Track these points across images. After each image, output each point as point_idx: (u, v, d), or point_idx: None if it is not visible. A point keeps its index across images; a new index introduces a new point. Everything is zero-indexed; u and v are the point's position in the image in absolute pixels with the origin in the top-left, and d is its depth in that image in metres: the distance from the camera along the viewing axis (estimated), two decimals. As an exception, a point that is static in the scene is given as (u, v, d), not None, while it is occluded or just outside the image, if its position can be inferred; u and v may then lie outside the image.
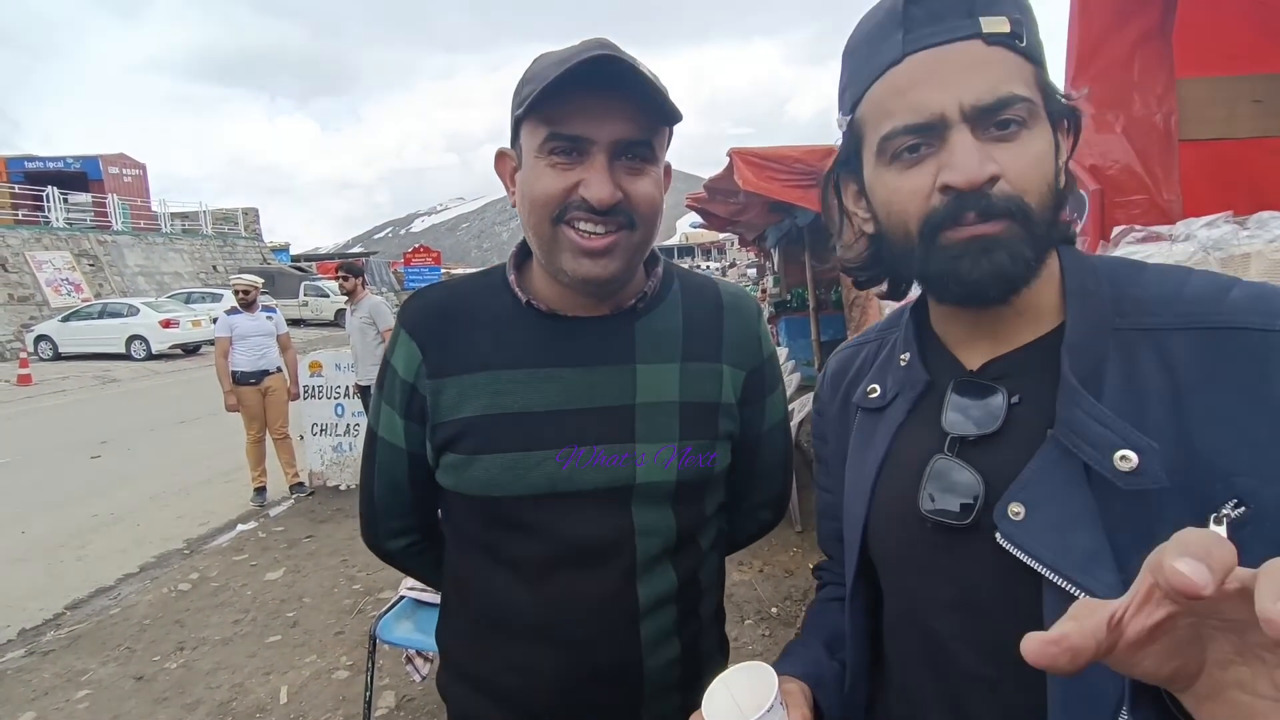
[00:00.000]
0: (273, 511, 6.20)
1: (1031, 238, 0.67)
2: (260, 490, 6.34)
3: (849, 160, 0.79)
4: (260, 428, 6.22)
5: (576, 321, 1.05)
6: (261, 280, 6.58)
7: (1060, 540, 0.63)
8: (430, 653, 2.72)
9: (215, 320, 6.77)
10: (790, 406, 1.34)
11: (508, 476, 1.00)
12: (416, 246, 18.35)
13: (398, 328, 1.10)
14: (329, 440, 6.68)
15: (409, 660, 2.80)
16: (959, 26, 0.66)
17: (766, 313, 7.88)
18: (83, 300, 21.25)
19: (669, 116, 0.95)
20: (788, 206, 6.20)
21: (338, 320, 23.20)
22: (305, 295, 26.62)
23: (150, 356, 17.80)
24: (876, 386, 0.86)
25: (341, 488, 6.56)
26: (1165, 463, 0.60)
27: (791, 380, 6.00)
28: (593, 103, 0.90)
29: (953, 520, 0.71)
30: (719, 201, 7.43)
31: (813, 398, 1.01)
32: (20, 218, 23.62)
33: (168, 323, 18.06)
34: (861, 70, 0.73)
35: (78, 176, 29.29)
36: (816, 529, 1.06)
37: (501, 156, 1.05)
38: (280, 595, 4.54)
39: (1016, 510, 0.66)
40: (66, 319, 18.72)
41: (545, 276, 1.05)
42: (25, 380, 14.33)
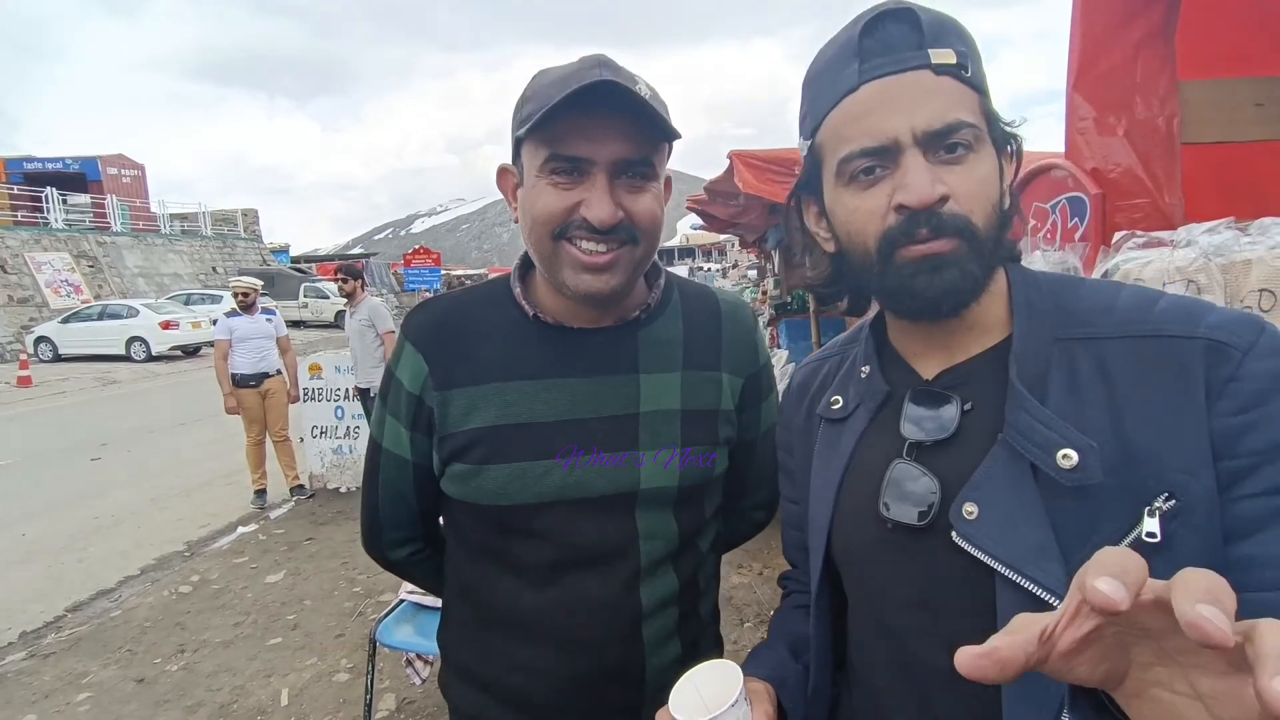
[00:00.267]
0: (273, 514, 6.20)
1: (978, 255, 0.72)
2: (260, 493, 6.35)
3: (810, 183, 0.84)
4: (260, 430, 6.22)
5: (582, 333, 1.06)
6: (260, 283, 6.58)
7: (1010, 536, 0.67)
8: (430, 656, 2.72)
9: (215, 322, 6.76)
10: None
11: (516, 485, 1.02)
12: (416, 248, 18.32)
13: (402, 340, 1.10)
14: (329, 443, 6.68)
15: (409, 663, 2.80)
16: (910, 58, 0.72)
17: (767, 315, 7.87)
18: (82, 302, 21.24)
19: (668, 134, 0.96)
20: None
21: (338, 322, 23.17)
22: (305, 297, 26.58)
23: (150, 358, 17.80)
24: (839, 398, 0.90)
25: (342, 490, 6.56)
26: (1103, 460, 0.64)
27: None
28: (592, 124, 0.91)
29: (912, 522, 0.75)
30: (719, 204, 7.43)
31: (777, 411, 1.05)
32: (19, 219, 23.63)
33: (168, 324, 18.05)
34: (820, 98, 0.78)
35: (76, 177, 29.31)
36: (782, 539, 1.07)
37: (503, 173, 1.06)
38: (281, 598, 4.54)
39: (970, 510, 0.70)
40: (66, 320, 18.71)
41: (549, 289, 1.06)
42: (25, 382, 14.34)
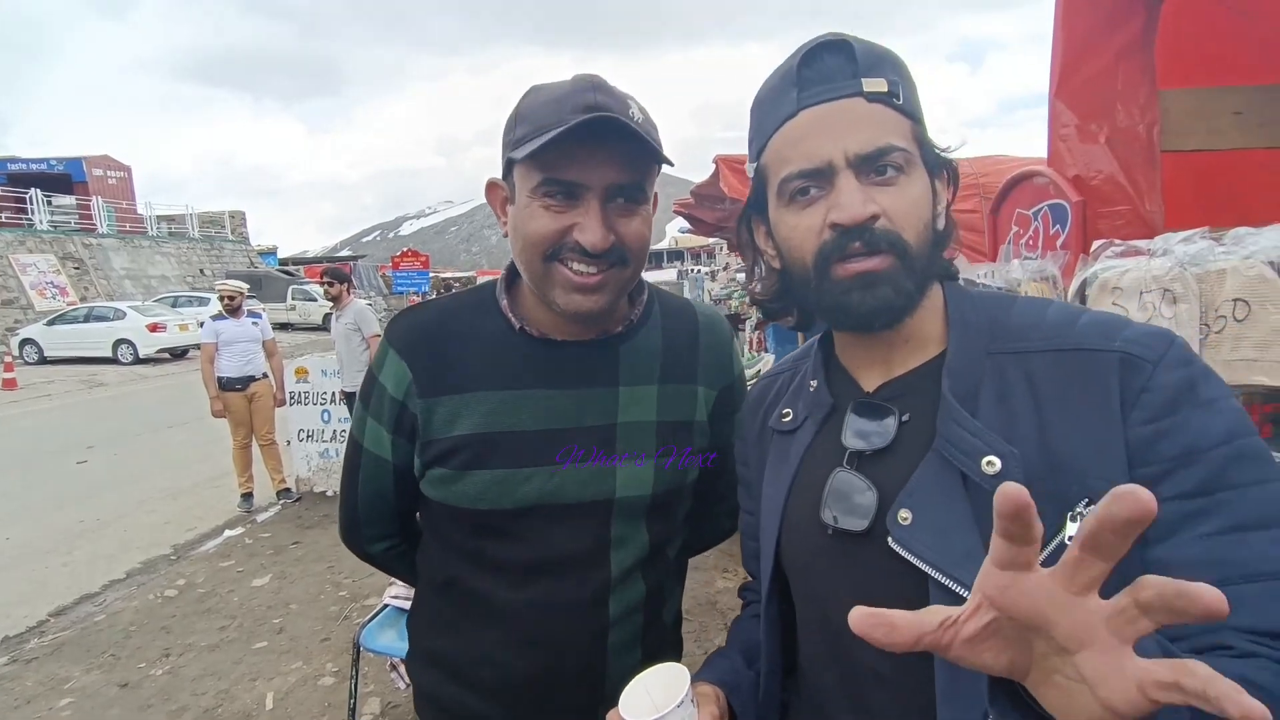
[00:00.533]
0: (259, 517, 6.17)
1: (910, 271, 0.76)
2: (247, 496, 6.31)
3: (757, 202, 0.87)
4: (246, 434, 6.19)
5: (565, 345, 1.09)
6: (247, 286, 6.55)
7: (942, 542, 0.71)
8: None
9: (202, 324, 6.72)
10: None
11: (496, 491, 1.05)
12: (405, 250, 18.27)
13: (385, 346, 1.12)
14: (315, 446, 6.64)
15: (393, 667, 2.79)
16: (844, 86, 0.76)
17: (754, 319, 7.89)
18: (68, 304, 21.07)
19: (659, 159, 0.99)
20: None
21: (325, 324, 23.03)
22: (293, 299, 26.41)
23: (137, 360, 17.65)
24: (789, 411, 0.93)
25: (328, 494, 6.52)
26: (1027, 467, 0.67)
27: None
28: (586, 151, 0.94)
29: (852, 528, 0.79)
30: (706, 208, 7.44)
31: (736, 424, 1.09)
32: (3, 220, 23.42)
33: (155, 326, 17.91)
34: (764, 123, 0.83)
35: (61, 178, 29.08)
36: (741, 550, 1.09)
37: (493, 187, 1.08)
38: (267, 601, 4.52)
39: (905, 516, 0.74)
40: (52, 323, 18.54)
41: (535, 302, 1.09)
42: (10, 385, 14.20)
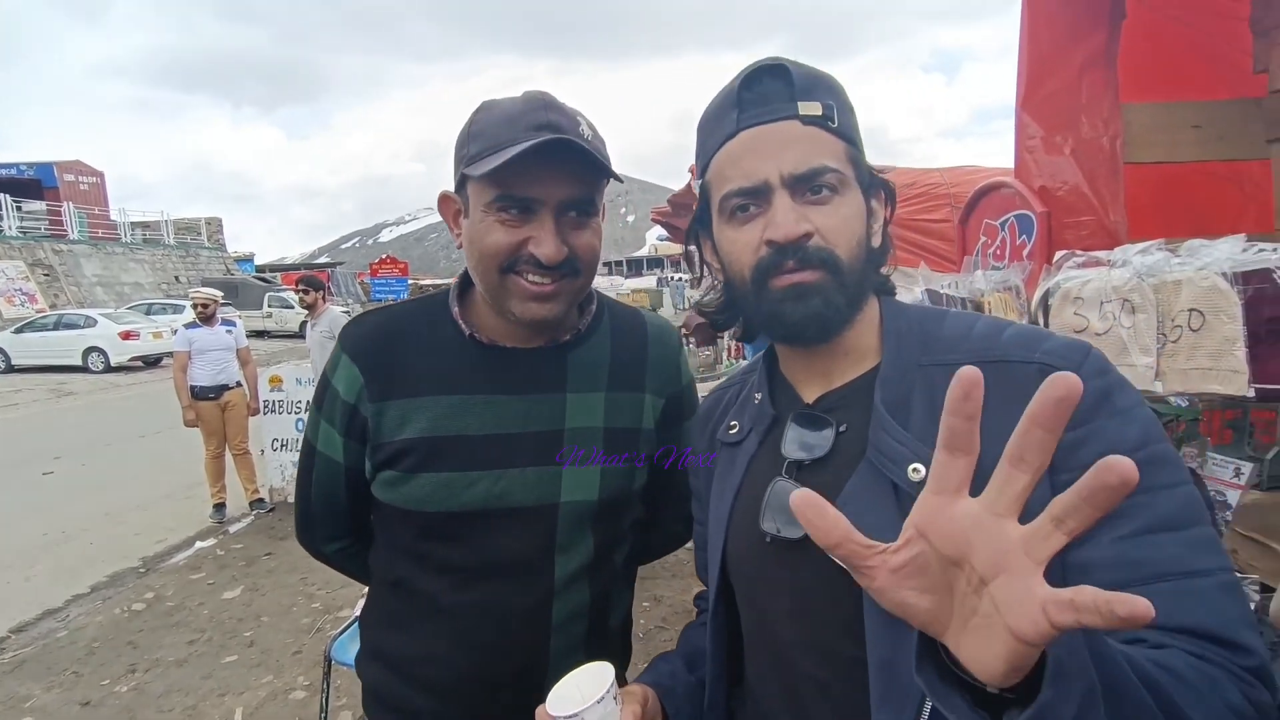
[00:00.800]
0: (232, 528, 6.07)
1: (842, 286, 0.79)
2: (219, 506, 6.21)
3: (703, 218, 0.91)
4: (219, 443, 6.10)
5: (514, 353, 1.12)
6: (221, 294, 6.46)
7: None
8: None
9: (175, 332, 6.63)
10: None
11: (443, 494, 1.07)
12: (384, 257, 18.19)
13: (339, 350, 1.15)
14: (289, 455, 6.52)
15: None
16: (781, 109, 0.80)
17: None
18: (37, 311, 20.70)
19: (607, 174, 1.04)
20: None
21: (302, 332, 22.85)
22: (269, 306, 26.10)
23: (109, 369, 17.33)
24: (736, 423, 0.96)
25: (303, 503, 6.43)
26: None
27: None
28: (540, 169, 0.98)
29: (789, 535, 0.81)
30: (683, 216, 7.48)
31: (684, 432, 1.12)
32: (-29, 226, 22.99)
33: (128, 334, 17.60)
34: (707, 142, 0.86)
35: (31, 184, 28.64)
36: (695, 561, 1.10)
37: (445, 199, 1.11)
38: (238, 614, 4.44)
39: None
40: (20, 330, 18.17)
41: (487, 310, 1.12)
42: (-25, 393, 13.91)
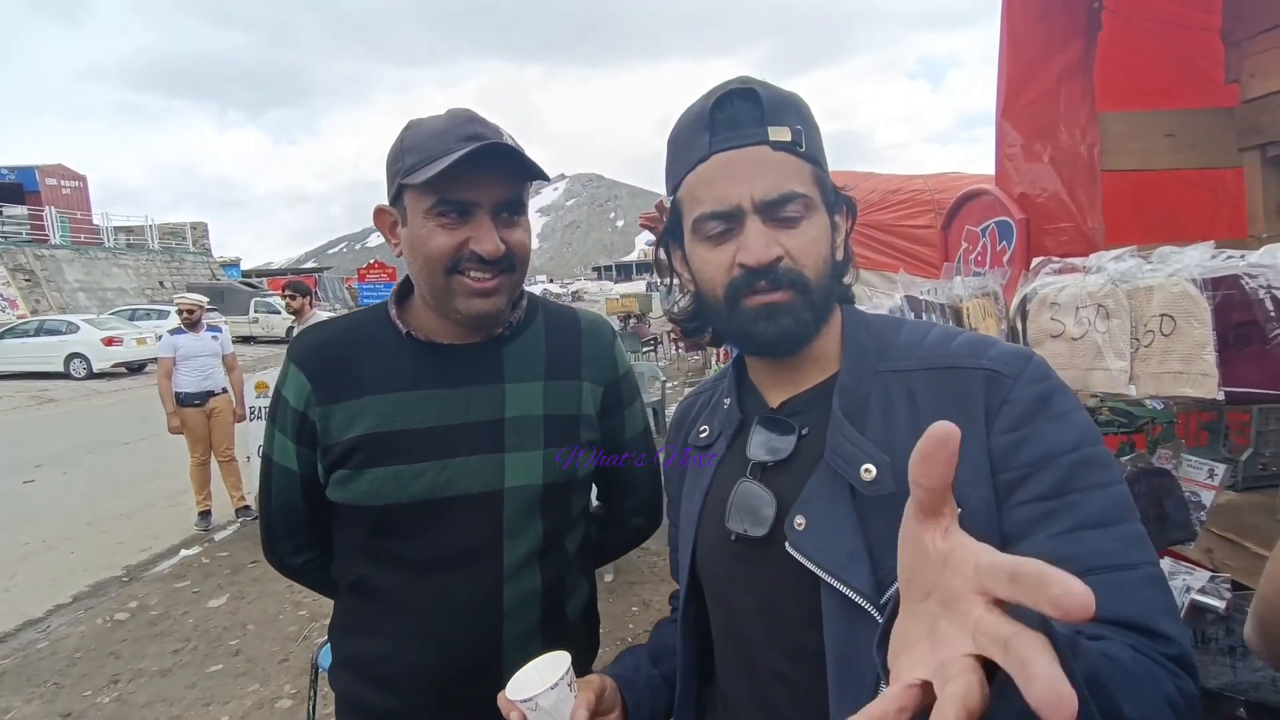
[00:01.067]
0: (217, 536, 6.04)
1: (810, 304, 0.83)
2: (205, 514, 6.17)
3: (674, 230, 0.94)
4: (205, 450, 6.05)
5: (451, 349, 1.18)
6: (206, 300, 6.41)
7: (831, 545, 0.76)
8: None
9: (160, 338, 6.57)
10: None
11: (391, 486, 1.11)
12: (371, 262, 18.07)
13: (287, 362, 1.20)
14: (277, 462, 6.50)
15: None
16: (752, 134, 0.82)
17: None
18: (18, 317, 20.48)
19: (535, 174, 1.11)
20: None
21: (288, 337, 22.70)
22: (256, 311, 25.93)
23: (91, 375, 17.18)
24: (706, 427, 1.00)
25: (289, 510, 6.39)
26: (899, 473, 0.72)
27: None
28: (473, 174, 1.05)
29: (754, 534, 0.84)
30: (672, 221, 7.50)
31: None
32: (-49, 231, 22.73)
33: (111, 340, 17.43)
34: (679, 160, 0.89)
35: (13, 188, 28.32)
36: (670, 561, 1.13)
37: (381, 213, 1.16)
38: (223, 623, 4.41)
39: (800, 522, 0.79)
40: (0, 336, 17.98)
41: (426, 311, 1.19)
42: (-45, 401, 13.75)
